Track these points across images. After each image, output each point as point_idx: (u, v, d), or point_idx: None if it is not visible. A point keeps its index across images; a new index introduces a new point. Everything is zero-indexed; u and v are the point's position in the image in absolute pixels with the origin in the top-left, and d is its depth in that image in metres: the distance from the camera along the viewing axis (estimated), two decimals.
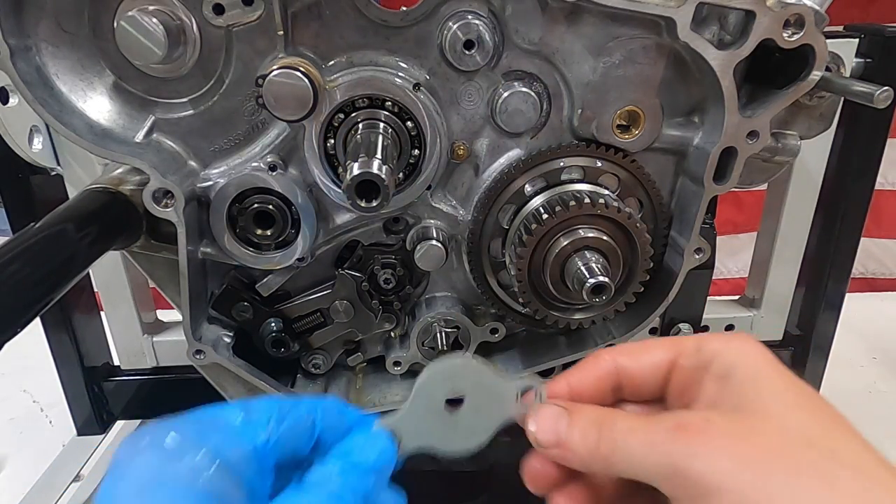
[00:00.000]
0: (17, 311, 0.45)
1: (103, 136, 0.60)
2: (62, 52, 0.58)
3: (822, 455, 0.39)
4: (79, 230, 0.53)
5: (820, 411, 0.43)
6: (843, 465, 0.39)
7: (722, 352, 0.45)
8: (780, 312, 1.05)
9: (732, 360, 0.45)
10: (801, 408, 0.42)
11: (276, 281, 0.70)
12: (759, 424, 0.41)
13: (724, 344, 0.46)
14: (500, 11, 0.60)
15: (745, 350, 0.45)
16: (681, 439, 0.39)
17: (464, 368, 0.47)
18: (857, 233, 0.97)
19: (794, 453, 0.39)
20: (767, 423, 0.41)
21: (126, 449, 0.38)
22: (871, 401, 1.23)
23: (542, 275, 0.65)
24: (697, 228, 0.65)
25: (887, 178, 1.59)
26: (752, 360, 0.45)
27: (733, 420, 0.41)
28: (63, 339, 0.97)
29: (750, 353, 0.45)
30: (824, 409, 0.43)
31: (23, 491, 0.96)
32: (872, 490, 0.39)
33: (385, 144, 0.58)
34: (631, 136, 0.64)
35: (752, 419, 0.41)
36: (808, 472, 0.38)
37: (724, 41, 0.59)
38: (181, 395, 1.00)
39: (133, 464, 0.37)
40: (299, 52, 0.60)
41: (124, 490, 0.36)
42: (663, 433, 0.40)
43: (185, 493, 0.36)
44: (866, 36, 0.83)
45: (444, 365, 0.47)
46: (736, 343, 0.46)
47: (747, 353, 0.45)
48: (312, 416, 0.43)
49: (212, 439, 0.39)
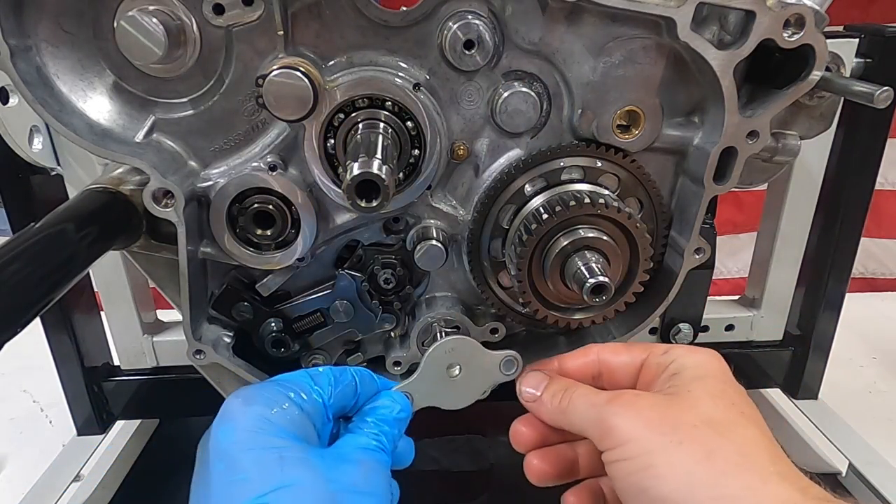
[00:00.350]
0: (17, 311, 0.45)
1: (103, 136, 0.60)
2: (62, 52, 0.58)
3: (715, 433, 0.48)
4: (79, 230, 0.53)
5: (735, 407, 0.51)
6: (729, 443, 0.48)
7: (682, 357, 0.56)
8: (780, 312, 1.05)
9: (687, 364, 0.55)
10: (718, 400, 0.51)
11: (276, 281, 0.70)
12: (676, 404, 0.51)
13: (688, 353, 0.56)
14: (500, 11, 0.60)
15: (702, 359, 0.55)
16: (612, 403, 0.52)
17: (460, 345, 0.64)
18: (857, 233, 0.98)
19: (691, 426, 0.49)
20: (683, 404, 0.51)
21: (233, 401, 0.54)
22: (871, 401, 1.23)
23: (543, 275, 0.65)
24: (697, 228, 0.65)
25: (887, 178, 1.59)
26: (703, 366, 0.55)
27: (658, 398, 0.52)
28: (63, 339, 0.97)
29: (704, 362, 0.55)
30: (742, 407, 0.51)
31: (23, 491, 0.96)
32: (745, 467, 0.47)
33: (385, 144, 0.58)
34: (631, 136, 0.64)
35: (673, 400, 0.52)
36: (695, 441, 0.48)
37: (724, 41, 0.59)
38: (181, 395, 1.01)
39: (242, 411, 0.52)
40: (299, 52, 0.60)
41: (242, 426, 0.51)
42: (603, 399, 0.54)
43: (281, 429, 0.52)
44: (866, 36, 0.83)
45: (444, 343, 0.64)
46: (698, 354, 0.56)
47: (703, 362, 0.55)
48: (355, 380, 0.60)
49: (294, 395, 0.55)
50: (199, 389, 0.72)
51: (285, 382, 0.57)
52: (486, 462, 1.06)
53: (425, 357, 0.64)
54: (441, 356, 0.64)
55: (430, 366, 0.64)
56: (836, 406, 1.09)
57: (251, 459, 0.49)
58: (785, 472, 0.47)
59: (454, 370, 0.65)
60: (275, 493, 0.47)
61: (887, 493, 0.92)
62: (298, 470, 0.49)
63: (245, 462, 0.49)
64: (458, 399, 0.66)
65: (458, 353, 0.64)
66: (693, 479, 0.47)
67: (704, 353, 0.56)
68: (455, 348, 0.64)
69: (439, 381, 0.64)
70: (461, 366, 0.64)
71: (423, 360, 0.64)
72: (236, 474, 0.49)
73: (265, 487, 0.47)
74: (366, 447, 0.56)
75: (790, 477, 0.47)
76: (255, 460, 0.49)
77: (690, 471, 0.47)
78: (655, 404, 0.51)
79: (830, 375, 1.08)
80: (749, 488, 0.46)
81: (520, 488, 0.62)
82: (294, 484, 0.48)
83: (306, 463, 0.50)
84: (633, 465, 0.49)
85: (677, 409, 0.50)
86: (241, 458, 0.49)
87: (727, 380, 0.54)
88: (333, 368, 0.60)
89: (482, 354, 0.65)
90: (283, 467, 0.49)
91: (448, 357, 0.64)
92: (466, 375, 0.65)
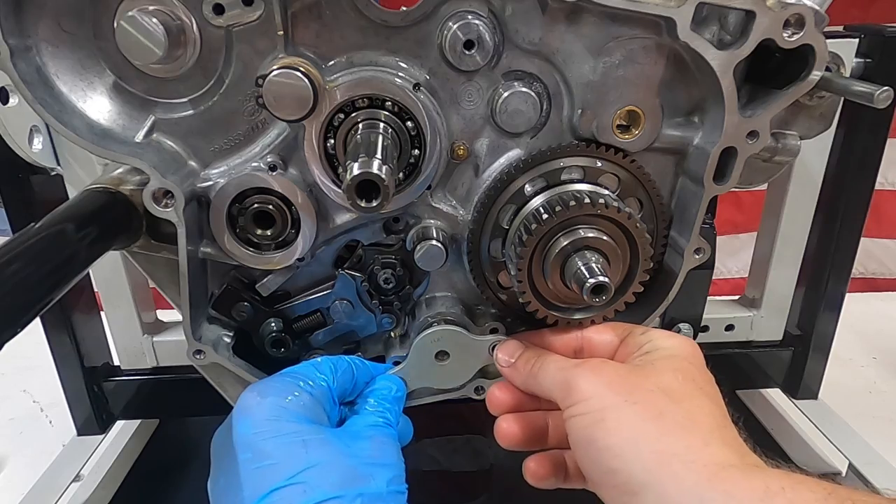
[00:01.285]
0: (17, 311, 0.45)
1: (103, 136, 0.60)
2: (62, 52, 0.58)
3: (668, 399, 0.53)
4: (79, 230, 0.53)
5: (694, 382, 0.55)
6: (679, 409, 0.52)
7: (659, 339, 0.59)
8: (780, 312, 1.05)
9: (661, 345, 0.59)
10: (680, 374, 0.55)
11: (276, 281, 0.70)
12: (638, 372, 0.56)
13: (666, 336, 0.60)
14: (500, 11, 0.60)
15: (677, 343, 0.59)
16: (579, 367, 0.57)
17: (447, 335, 0.69)
18: (857, 233, 0.98)
19: (647, 391, 0.53)
20: (645, 372, 0.55)
21: (249, 396, 0.58)
22: (871, 401, 1.24)
23: (543, 275, 0.65)
24: (697, 228, 0.65)
25: (887, 178, 1.59)
26: (676, 348, 0.59)
27: (623, 367, 0.57)
28: (63, 339, 0.97)
29: (678, 345, 0.59)
30: (701, 384, 0.55)
31: (23, 491, 0.96)
32: (690, 430, 0.50)
33: (385, 144, 0.58)
34: (631, 136, 0.64)
35: (636, 370, 0.56)
36: (648, 403, 0.52)
37: (724, 41, 0.59)
38: (181, 395, 1.01)
39: (259, 403, 0.57)
40: (299, 52, 0.60)
41: (261, 417, 0.56)
42: (571, 364, 0.59)
43: (297, 415, 0.57)
44: (866, 36, 0.84)
45: (431, 332, 0.68)
46: (675, 339, 0.60)
47: (677, 345, 0.59)
48: (352, 365, 0.66)
49: (303, 384, 0.60)
50: (199, 389, 0.72)
51: (292, 373, 0.62)
52: (486, 462, 1.06)
53: (413, 346, 0.69)
54: (428, 345, 0.69)
55: (419, 354, 0.69)
56: (836, 406, 1.09)
57: (275, 446, 0.54)
58: (728, 440, 0.51)
59: (443, 357, 0.70)
60: (303, 474, 0.52)
61: (887, 493, 0.91)
62: (320, 450, 0.54)
63: (270, 449, 0.54)
64: (448, 381, 0.72)
65: (446, 342, 0.69)
66: (639, 434, 0.51)
67: (681, 339, 0.60)
68: (442, 338, 0.69)
69: (429, 366, 0.70)
70: (450, 352, 0.69)
71: (411, 350, 0.69)
72: (263, 461, 0.53)
73: (294, 469, 0.52)
74: (374, 424, 0.61)
75: (732, 444, 0.51)
76: (279, 446, 0.54)
77: (637, 427, 0.51)
78: (619, 370, 0.56)
79: (830, 375, 1.09)
80: (690, 448, 0.49)
81: (520, 488, 0.62)
82: (318, 463, 0.53)
83: (325, 443, 0.55)
84: (588, 420, 0.53)
85: (638, 376, 0.55)
86: (266, 446, 0.54)
87: (696, 363, 0.58)
88: (330, 357, 0.66)
89: (468, 340, 0.69)
90: (307, 449, 0.53)
91: (436, 345, 0.69)
92: (455, 361, 0.70)
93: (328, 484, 0.52)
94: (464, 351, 0.70)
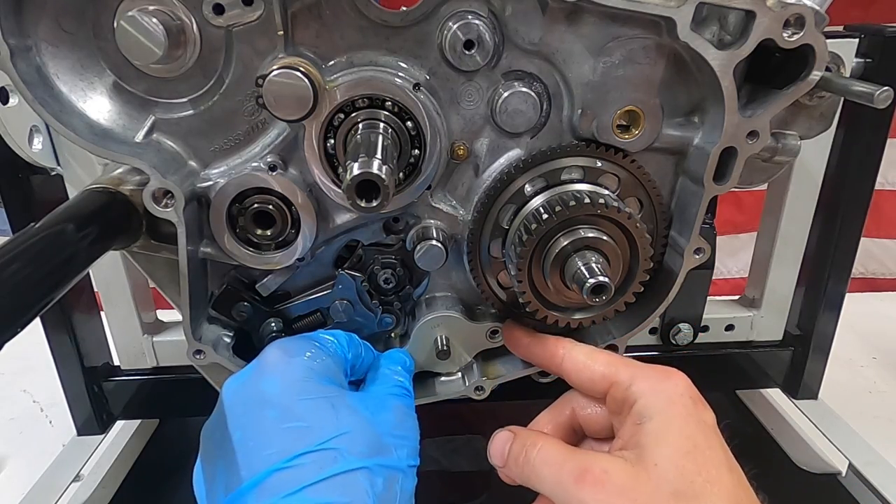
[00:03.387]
0: (17, 311, 0.45)
1: (103, 136, 0.60)
2: (62, 52, 0.58)
3: None
4: (79, 230, 0.53)
5: (704, 458, 0.51)
6: None
7: (646, 395, 0.55)
8: (780, 312, 1.05)
9: (651, 408, 0.54)
10: (685, 460, 0.50)
11: (276, 281, 0.70)
12: (641, 476, 0.50)
13: (650, 388, 0.55)
14: (500, 11, 0.60)
15: (665, 397, 0.54)
16: (579, 486, 0.51)
17: (445, 321, 0.72)
18: (857, 233, 0.98)
19: None
20: (650, 475, 0.50)
21: (275, 353, 0.58)
22: (871, 401, 1.24)
23: (543, 275, 0.65)
24: (697, 228, 0.65)
25: (887, 178, 1.60)
26: (667, 410, 0.54)
27: (625, 472, 0.51)
28: (63, 339, 0.97)
29: (668, 403, 0.54)
30: (710, 470, 0.51)
31: (23, 491, 0.96)
32: None
33: (385, 144, 0.58)
34: (631, 136, 0.64)
35: (639, 473, 0.51)
36: None
37: (724, 41, 0.59)
38: (181, 395, 1.01)
39: (288, 362, 0.57)
40: (299, 52, 0.60)
41: (291, 376, 0.56)
42: (568, 476, 0.52)
43: (326, 378, 0.57)
44: (866, 36, 0.84)
45: (430, 318, 0.71)
46: (661, 387, 0.55)
47: (666, 402, 0.54)
48: (361, 342, 0.67)
49: (325, 349, 0.61)
50: (199, 389, 0.72)
51: (313, 338, 0.63)
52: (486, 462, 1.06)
53: (413, 333, 0.72)
54: (425, 331, 0.72)
55: (418, 339, 0.72)
56: (836, 406, 1.09)
57: (306, 407, 0.53)
58: None
59: (441, 342, 0.72)
60: (335, 440, 0.51)
61: (887, 493, 0.91)
62: (350, 417, 0.54)
63: (300, 410, 0.53)
64: (448, 364, 0.74)
65: (445, 327, 0.72)
66: None
67: (666, 385, 0.56)
68: (441, 324, 0.71)
69: (430, 350, 0.73)
70: (448, 337, 0.72)
71: (412, 336, 0.72)
72: (292, 421, 0.52)
73: (325, 434, 0.51)
74: (395, 393, 0.61)
75: None
76: (310, 408, 0.53)
77: None
78: (622, 486, 0.50)
79: (830, 375, 1.08)
80: None
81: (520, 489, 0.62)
82: (349, 431, 0.52)
83: (354, 410, 0.55)
84: None
85: (643, 482, 0.50)
86: (296, 406, 0.53)
87: (693, 420, 0.53)
88: (346, 332, 0.67)
89: (466, 325, 0.71)
90: (337, 415, 0.53)
91: (434, 331, 0.72)
92: (454, 345, 0.73)
93: (357, 452, 0.51)
94: (462, 336, 0.72)
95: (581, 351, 0.64)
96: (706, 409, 0.55)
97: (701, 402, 0.56)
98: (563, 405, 0.64)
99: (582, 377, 0.61)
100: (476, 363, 0.77)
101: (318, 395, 0.54)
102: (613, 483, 0.51)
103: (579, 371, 0.62)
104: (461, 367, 0.77)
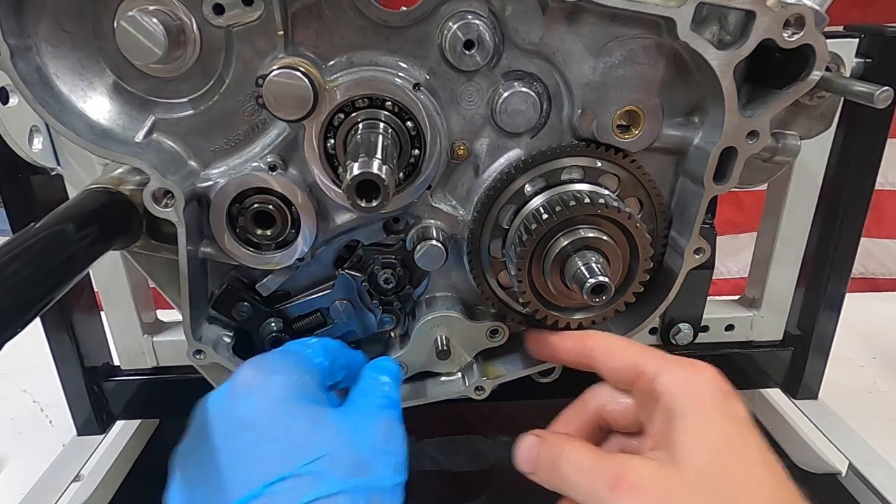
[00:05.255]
0: (17, 311, 0.45)
1: (103, 136, 0.60)
2: (62, 52, 0.58)
3: None
4: (79, 230, 0.53)
5: (740, 456, 0.49)
6: None
7: (673, 389, 0.53)
8: (780, 312, 1.05)
9: (681, 404, 0.52)
10: (722, 456, 0.49)
11: (276, 281, 0.70)
12: (679, 480, 0.48)
13: (678, 380, 0.54)
14: (500, 11, 0.60)
15: (695, 393, 0.53)
16: (614, 494, 0.49)
17: (446, 321, 0.72)
18: (857, 233, 0.97)
19: None
20: (686, 478, 0.48)
21: (249, 372, 0.56)
22: (871, 401, 1.23)
23: (543, 275, 0.65)
24: (697, 228, 0.65)
25: (887, 178, 1.59)
26: (698, 407, 0.52)
27: (660, 477, 0.49)
28: (63, 339, 0.97)
29: (698, 397, 0.52)
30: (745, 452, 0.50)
31: (23, 491, 0.96)
32: None
33: (385, 144, 0.58)
34: (631, 136, 0.64)
35: (676, 475, 0.49)
36: None
37: (724, 41, 0.59)
38: (181, 395, 1.00)
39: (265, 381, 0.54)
40: (299, 52, 0.60)
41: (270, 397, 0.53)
42: (602, 484, 0.50)
43: (305, 396, 0.54)
44: (866, 36, 0.83)
45: (430, 318, 0.71)
46: (691, 381, 0.53)
47: (697, 396, 0.53)
48: (341, 348, 0.64)
49: (301, 364, 0.58)
50: (199, 389, 0.72)
51: (289, 352, 0.60)
52: (486, 462, 1.06)
53: (413, 333, 0.72)
54: (426, 331, 0.71)
55: (418, 339, 0.72)
56: (836, 406, 1.09)
57: (286, 429, 0.51)
58: None
59: (441, 341, 0.72)
60: (315, 463, 0.49)
61: (887, 493, 0.91)
62: (330, 437, 0.52)
63: (279, 432, 0.51)
64: (448, 364, 0.74)
65: (443, 328, 0.72)
66: None
67: (694, 380, 0.54)
68: (441, 323, 0.71)
69: (429, 351, 0.72)
70: (449, 337, 0.72)
71: (412, 336, 0.72)
72: (272, 444, 0.50)
73: (305, 457, 0.49)
74: (380, 405, 0.58)
75: None
76: (290, 429, 0.51)
77: None
78: (657, 491, 0.48)
79: (830, 375, 1.08)
80: None
81: (520, 489, 0.62)
82: (329, 452, 0.50)
83: (335, 429, 0.53)
84: None
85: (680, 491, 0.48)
86: (274, 429, 0.51)
87: (726, 415, 0.52)
88: (320, 339, 0.64)
89: (466, 325, 0.71)
90: (318, 436, 0.51)
91: (434, 331, 0.71)
92: (455, 344, 0.72)
93: (338, 475, 0.50)
94: (462, 336, 0.72)
95: (609, 338, 0.63)
96: (737, 402, 0.53)
97: (731, 395, 0.53)
98: (587, 401, 0.62)
99: (610, 364, 0.60)
100: (476, 363, 0.77)
101: (298, 416, 0.52)
102: (649, 489, 0.49)
103: (607, 358, 0.60)
104: (461, 367, 0.77)
